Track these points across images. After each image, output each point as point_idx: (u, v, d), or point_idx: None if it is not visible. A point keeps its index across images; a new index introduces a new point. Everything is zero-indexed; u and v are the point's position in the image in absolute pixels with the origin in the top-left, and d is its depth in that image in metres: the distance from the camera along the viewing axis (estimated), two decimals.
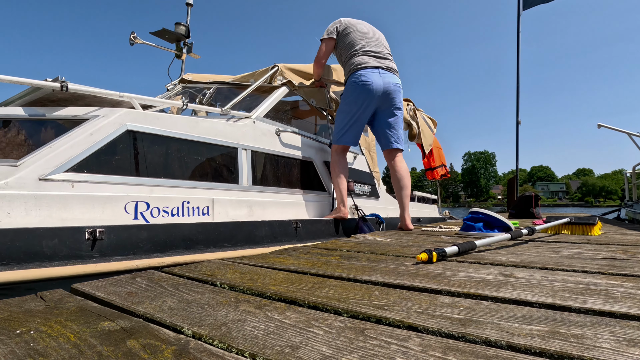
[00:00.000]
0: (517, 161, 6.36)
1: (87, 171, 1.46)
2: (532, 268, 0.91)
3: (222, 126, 2.02)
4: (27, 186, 1.29)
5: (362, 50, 2.40)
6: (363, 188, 3.05)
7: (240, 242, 1.72)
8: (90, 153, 1.47)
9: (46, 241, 1.16)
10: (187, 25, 3.53)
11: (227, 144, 2.02)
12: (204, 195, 1.81)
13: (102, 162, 1.51)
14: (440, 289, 0.69)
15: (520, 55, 6.25)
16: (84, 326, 0.51)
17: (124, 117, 1.61)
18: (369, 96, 2.33)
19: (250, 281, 0.79)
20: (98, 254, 1.27)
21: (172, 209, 1.66)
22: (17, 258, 1.10)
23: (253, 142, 2.17)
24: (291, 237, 1.98)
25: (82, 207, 1.37)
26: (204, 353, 0.43)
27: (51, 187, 1.34)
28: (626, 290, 0.67)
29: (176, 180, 1.73)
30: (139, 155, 1.63)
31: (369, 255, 1.15)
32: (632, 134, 4.75)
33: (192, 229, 1.55)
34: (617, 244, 1.39)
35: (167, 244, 1.46)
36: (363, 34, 2.46)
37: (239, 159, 2.06)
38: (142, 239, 1.39)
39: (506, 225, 1.71)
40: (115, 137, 1.56)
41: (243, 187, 2.05)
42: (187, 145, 1.82)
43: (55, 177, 1.36)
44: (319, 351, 0.43)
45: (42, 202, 1.28)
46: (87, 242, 1.25)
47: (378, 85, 2.32)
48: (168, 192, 1.69)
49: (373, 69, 2.35)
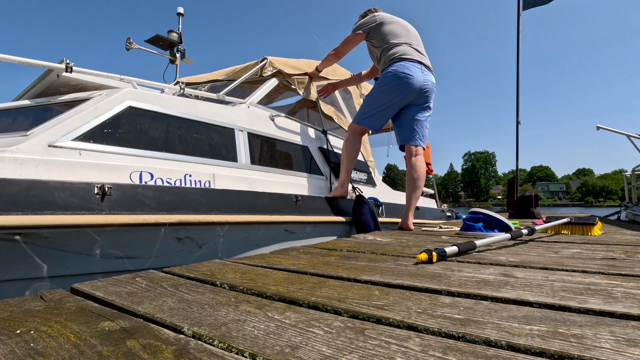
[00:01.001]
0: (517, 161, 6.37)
1: (93, 141, 1.52)
2: (532, 268, 0.91)
3: (219, 109, 2.11)
4: (38, 151, 1.35)
5: (406, 42, 2.37)
6: (360, 175, 3.10)
7: (243, 209, 1.74)
8: (96, 125, 1.54)
9: (58, 193, 1.21)
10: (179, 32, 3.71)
11: (224, 124, 2.09)
12: (205, 170, 1.87)
13: (107, 134, 1.58)
14: (440, 289, 0.69)
15: (520, 55, 6.26)
16: (84, 326, 0.51)
17: (125, 94, 1.69)
18: (406, 90, 2.28)
19: (250, 281, 0.79)
20: (107, 208, 1.31)
21: (175, 180, 1.71)
22: (31, 206, 1.15)
23: (249, 125, 2.24)
24: (292, 210, 2.00)
25: (90, 173, 1.43)
26: (204, 353, 0.43)
27: (60, 153, 1.40)
28: (626, 290, 0.67)
29: (177, 154, 1.80)
30: (141, 130, 1.70)
31: (369, 255, 1.15)
32: (631, 136, 4.75)
33: (196, 192, 1.60)
34: (617, 244, 1.39)
35: (172, 204, 1.49)
36: (404, 28, 2.44)
37: (236, 139, 2.13)
38: (148, 198, 1.43)
39: (506, 225, 1.71)
40: (118, 112, 1.63)
41: (242, 165, 2.11)
42: (186, 124, 1.90)
43: (64, 144, 1.43)
44: (319, 351, 0.43)
45: (52, 167, 1.34)
46: (96, 197, 1.30)
47: (419, 81, 2.29)
48: (170, 165, 1.75)
49: (416, 63, 2.31)
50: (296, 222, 2.00)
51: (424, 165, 2.42)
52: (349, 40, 2.52)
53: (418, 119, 2.40)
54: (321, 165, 2.75)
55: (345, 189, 2.46)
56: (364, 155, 3.29)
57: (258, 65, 2.59)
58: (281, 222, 1.91)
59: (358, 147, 2.49)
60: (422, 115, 2.41)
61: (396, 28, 2.41)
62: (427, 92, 2.36)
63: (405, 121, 2.42)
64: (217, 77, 2.93)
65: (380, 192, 3.38)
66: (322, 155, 2.79)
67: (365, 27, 2.45)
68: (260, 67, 2.58)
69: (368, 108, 2.39)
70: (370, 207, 2.40)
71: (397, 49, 2.34)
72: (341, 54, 2.61)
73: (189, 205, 1.54)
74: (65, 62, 1.66)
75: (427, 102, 2.40)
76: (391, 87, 2.30)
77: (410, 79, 2.26)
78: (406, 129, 2.42)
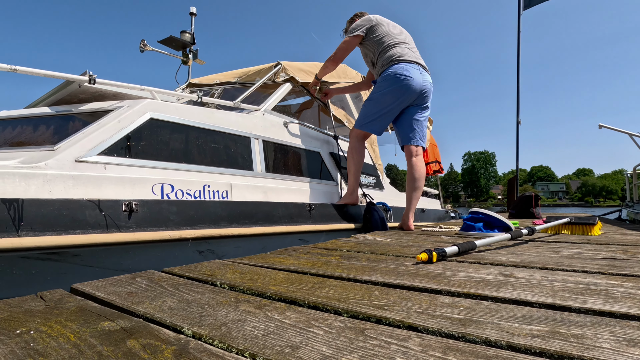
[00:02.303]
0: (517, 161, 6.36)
1: (117, 155, 1.56)
2: (532, 268, 0.91)
3: (235, 117, 2.14)
4: (65, 167, 1.38)
5: (401, 41, 2.36)
6: (368, 179, 3.14)
7: (260, 220, 1.80)
8: (119, 138, 1.58)
9: (89, 211, 1.26)
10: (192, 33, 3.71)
11: (240, 133, 2.12)
12: (223, 180, 1.91)
13: (130, 147, 1.61)
14: (440, 289, 0.69)
15: (520, 55, 6.26)
16: (84, 326, 0.51)
17: (146, 106, 1.73)
18: (407, 92, 2.28)
19: (250, 281, 0.79)
20: (134, 225, 1.36)
21: (194, 191, 1.75)
22: (64, 225, 1.19)
23: (264, 132, 2.27)
24: (306, 219, 2.06)
25: (114, 187, 1.46)
26: (204, 353, 0.43)
27: (86, 168, 1.44)
28: (626, 290, 0.67)
29: (196, 165, 1.84)
30: (162, 142, 1.74)
31: (369, 255, 1.15)
32: (633, 135, 4.74)
33: (216, 206, 1.65)
34: (617, 244, 1.39)
35: (195, 218, 1.54)
36: (399, 30, 2.44)
37: (252, 147, 2.16)
38: (172, 213, 1.48)
39: (506, 225, 1.71)
40: (140, 125, 1.67)
41: (257, 173, 2.14)
42: (204, 134, 1.94)
43: (90, 159, 1.46)
44: (319, 351, 0.43)
45: (79, 182, 1.36)
46: (124, 214, 1.34)
47: (418, 82, 2.29)
48: (190, 176, 1.78)
49: (414, 64, 2.31)
50: (310, 231, 2.06)
51: (423, 166, 2.42)
52: (346, 43, 2.47)
53: (417, 119, 2.40)
54: (332, 171, 2.79)
55: (355, 196, 2.48)
56: (372, 158, 3.31)
57: (272, 70, 2.62)
58: (296, 231, 1.98)
59: (363, 152, 2.51)
60: (421, 116, 2.42)
61: (391, 29, 2.41)
62: (425, 92, 2.37)
63: (405, 122, 2.42)
64: (229, 78, 2.96)
65: (388, 196, 3.40)
66: (333, 161, 2.83)
67: (362, 28, 2.42)
68: (274, 73, 2.61)
69: (369, 112, 2.39)
70: (380, 213, 2.44)
71: (395, 51, 2.33)
72: (339, 59, 2.56)
73: (210, 218, 1.59)
74: (88, 74, 1.70)
75: (425, 102, 2.41)
76: (392, 90, 2.29)
77: (410, 81, 2.26)
78: (406, 130, 2.42)
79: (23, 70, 1.52)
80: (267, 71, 2.68)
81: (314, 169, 2.61)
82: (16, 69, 1.49)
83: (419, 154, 2.41)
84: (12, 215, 1.09)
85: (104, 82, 1.76)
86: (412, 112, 2.40)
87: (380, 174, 3.40)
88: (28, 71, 1.54)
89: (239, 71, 2.96)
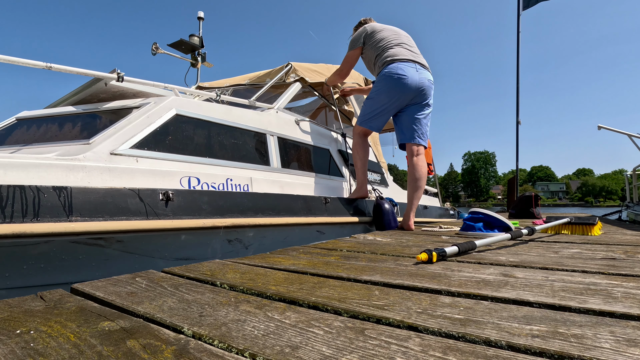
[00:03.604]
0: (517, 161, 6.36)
1: (147, 148, 1.62)
2: (532, 268, 0.91)
3: (251, 114, 2.23)
4: (102, 159, 1.44)
5: (397, 43, 2.40)
6: (374, 176, 3.23)
7: (282, 212, 1.88)
8: (149, 132, 1.65)
9: (130, 199, 1.32)
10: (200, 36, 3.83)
11: (257, 129, 2.22)
12: (244, 174, 2.00)
13: (158, 141, 1.68)
14: (440, 289, 0.69)
15: (520, 55, 6.26)
16: (84, 326, 0.51)
17: (172, 102, 1.81)
18: (402, 91, 2.31)
19: (250, 281, 0.79)
20: (171, 213, 1.43)
21: (218, 184, 1.83)
22: (109, 212, 1.26)
23: (278, 129, 2.37)
24: (322, 211, 2.14)
25: (146, 179, 1.52)
26: (204, 353, 0.43)
27: (120, 160, 1.50)
28: (626, 290, 0.67)
29: (219, 160, 1.93)
30: (187, 137, 1.82)
31: (369, 255, 1.15)
32: (632, 135, 4.74)
33: (243, 197, 1.72)
34: (617, 244, 1.39)
35: (223, 208, 1.61)
36: (394, 32, 2.48)
37: (268, 143, 2.26)
38: (204, 202, 1.54)
39: (506, 225, 1.71)
40: (167, 120, 1.74)
41: (274, 168, 2.23)
42: (225, 129, 2.03)
43: (123, 152, 1.53)
44: (319, 351, 0.43)
45: (114, 174, 1.43)
46: (161, 202, 1.41)
47: (414, 80, 2.30)
48: (214, 170, 1.86)
49: (409, 63, 2.33)
50: (326, 222, 2.14)
51: (425, 165, 2.43)
52: (348, 58, 2.59)
53: (417, 118, 2.40)
54: (341, 167, 2.89)
55: (365, 190, 2.55)
56: (376, 157, 3.41)
57: (283, 70, 2.73)
58: (314, 223, 2.06)
59: (367, 147, 2.56)
60: (422, 114, 2.42)
61: (386, 34, 2.46)
62: (424, 90, 2.37)
63: (405, 120, 2.43)
64: (239, 82, 3.06)
65: (393, 192, 3.50)
66: (342, 157, 2.94)
67: (358, 41, 2.52)
68: (284, 73, 2.73)
69: (367, 110, 2.45)
70: (390, 207, 2.51)
71: (389, 52, 2.37)
72: (345, 74, 2.69)
73: (237, 209, 1.66)
74: (116, 72, 1.76)
75: (425, 100, 2.41)
76: (386, 90, 2.33)
77: (405, 79, 2.28)
78: (406, 128, 2.43)
79: (57, 68, 1.57)
80: (277, 72, 2.79)
81: (324, 165, 2.71)
82: (51, 66, 1.54)
83: (420, 153, 2.41)
84: (62, 201, 1.16)
85: (131, 80, 1.84)
86: (412, 110, 2.41)
87: (385, 172, 3.51)
88: (62, 69, 1.59)
89: (249, 75, 3.07)
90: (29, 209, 1.09)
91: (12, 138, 1.82)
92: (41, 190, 1.13)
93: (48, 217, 1.12)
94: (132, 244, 1.31)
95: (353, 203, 2.43)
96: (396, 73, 2.28)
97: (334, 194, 2.65)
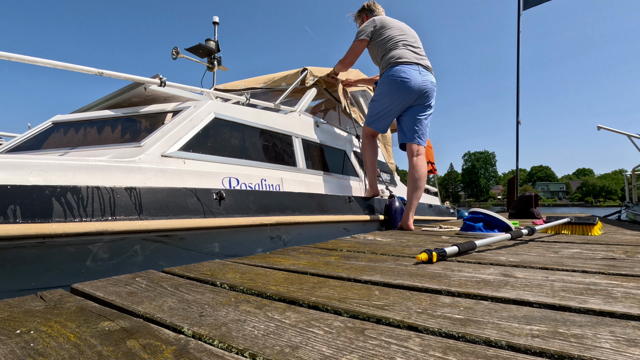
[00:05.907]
0: (517, 161, 6.36)
1: (192, 150, 1.71)
2: (532, 268, 0.91)
3: (278, 117, 2.35)
4: (155, 161, 1.52)
5: (402, 43, 2.40)
6: (383, 176, 3.37)
7: (315, 210, 1.99)
8: (193, 135, 1.73)
9: (189, 199, 1.40)
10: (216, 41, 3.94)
11: (285, 132, 2.34)
12: (276, 175, 2.09)
13: (201, 143, 1.77)
14: (440, 289, 0.69)
15: (520, 55, 6.25)
16: (84, 326, 0.51)
17: (211, 106, 1.90)
18: (405, 94, 2.33)
19: (250, 281, 0.79)
20: (224, 212, 1.50)
21: (254, 184, 1.92)
22: (172, 210, 1.33)
23: (301, 132, 2.50)
24: (347, 210, 2.26)
25: (192, 179, 1.59)
26: (204, 353, 0.43)
27: (170, 162, 1.58)
28: (626, 290, 0.67)
29: (254, 161, 2.03)
30: (225, 139, 1.92)
31: (369, 255, 1.15)
32: (632, 136, 4.74)
33: (281, 196, 1.82)
34: (617, 244, 1.39)
35: (267, 207, 1.70)
36: (401, 30, 2.48)
37: (294, 145, 2.38)
38: (251, 202, 1.63)
39: (506, 225, 1.71)
40: (207, 123, 1.84)
41: (300, 169, 2.35)
42: (257, 132, 2.15)
43: (173, 154, 1.61)
44: (319, 351, 0.43)
45: (166, 175, 1.50)
46: (215, 201, 1.48)
47: (417, 83, 2.32)
48: (250, 171, 1.96)
49: (413, 65, 2.34)
50: (351, 220, 2.25)
51: (425, 165, 2.45)
52: (354, 48, 2.59)
53: (419, 118, 2.43)
54: (356, 167, 3.01)
55: (376, 188, 2.63)
56: (385, 158, 3.50)
57: (300, 76, 2.83)
58: (341, 220, 2.17)
59: (374, 147, 2.61)
60: (423, 114, 2.44)
61: (394, 32, 2.46)
62: (426, 92, 2.39)
63: (407, 120, 2.46)
64: (254, 84, 3.12)
65: (401, 192, 3.57)
66: (357, 158, 3.08)
67: (366, 33, 2.51)
68: (301, 79, 2.82)
69: (372, 112, 2.50)
70: (400, 205, 2.60)
71: (394, 53, 2.37)
72: (349, 63, 2.69)
73: (278, 207, 1.75)
74: (159, 77, 1.83)
75: (427, 102, 2.44)
76: (389, 92, 2.36)
77: (407, 82, 2.30)
78: (407, 128, 2.46)
79: (108, 74, 1.65)
80: (293, 77, 2.88)
81: (342, 166, 2.84)
82: (102, 72, 1.62)
83: (421, 153, 2.43)
84: (133, 201, 1.24)
85: (172, 84, 1.91)
86: (414, 110, 2.44)
87: (393, 172, 3.62)
88: (112, 74, 1.67)
89: (264, 77, 3.13)
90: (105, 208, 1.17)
91: (51, 141, 1.87)
92: (115, 191, 1.21)
93: (123, 216, 1.19)
94: (191, 241, 1.38)
95: (367, 201, 2.51)
96: (399, 76, 2.30)
97: (352, 193, 2.74)
